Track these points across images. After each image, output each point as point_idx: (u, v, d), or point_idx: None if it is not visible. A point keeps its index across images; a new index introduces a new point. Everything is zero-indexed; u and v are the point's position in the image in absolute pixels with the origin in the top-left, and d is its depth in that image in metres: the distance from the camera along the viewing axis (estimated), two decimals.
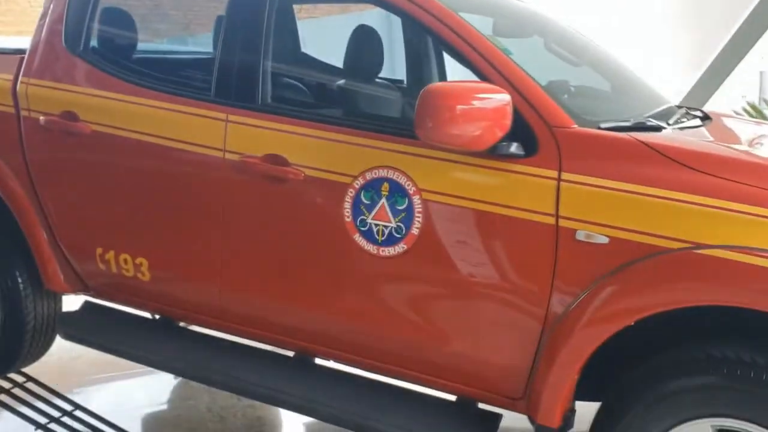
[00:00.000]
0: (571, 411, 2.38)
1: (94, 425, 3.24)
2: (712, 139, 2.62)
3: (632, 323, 2.16)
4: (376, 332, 2.59)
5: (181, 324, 3.23)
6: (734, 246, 2.02)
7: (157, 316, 3.24)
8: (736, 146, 2.51)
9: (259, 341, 2.93)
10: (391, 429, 2.48)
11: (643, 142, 2.23)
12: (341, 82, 3.15)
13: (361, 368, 2.73)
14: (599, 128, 2.32)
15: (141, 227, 2.99)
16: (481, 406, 2.60)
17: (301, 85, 3.01)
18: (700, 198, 2.09)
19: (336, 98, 2.97)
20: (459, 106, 2.17)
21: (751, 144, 2.66)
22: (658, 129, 2.50)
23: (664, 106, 2.97)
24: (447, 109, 2.16)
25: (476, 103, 2.19)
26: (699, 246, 2.06)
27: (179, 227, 2.91)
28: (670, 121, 2.68)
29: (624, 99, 3.19)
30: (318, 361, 2.87)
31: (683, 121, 2.78)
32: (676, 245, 2.09)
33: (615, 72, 3.32)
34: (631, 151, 2.22)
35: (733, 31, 6.28)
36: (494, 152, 2.28)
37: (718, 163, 2.18)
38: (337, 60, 3.17)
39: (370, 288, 2.55)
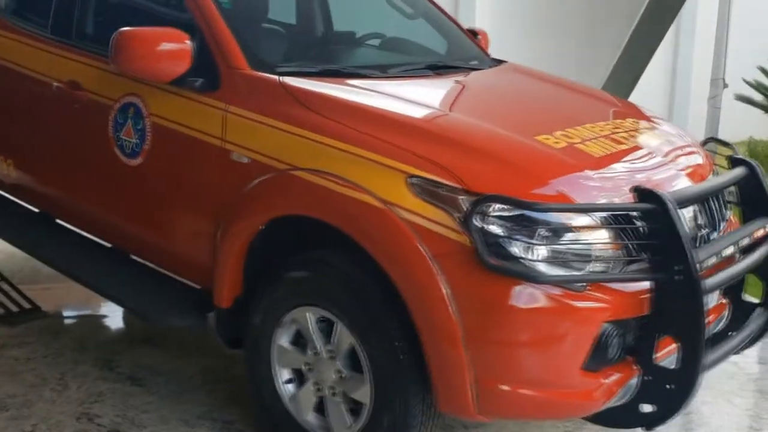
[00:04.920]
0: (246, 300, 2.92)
1: None
2: (400, 88, 2.98)
3: (262, 227, 2.72)
4: (134, 228, 3.27)
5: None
6: (311, 169, 2.54)
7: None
8: (391, 93, 2.85)
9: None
10: (120, 299, 3.18)
11: (282, 84, 2.75)
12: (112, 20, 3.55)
13: (138, 257, 3.43)
14: (274, 72, 2.85)
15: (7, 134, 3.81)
16: None
17: (95, 23, 3.60)
18: (298, 129, 2.62)
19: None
20: (141, 48, 2.78)
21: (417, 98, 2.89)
22: (359, 76, 2.99)
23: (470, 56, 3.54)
24: (132, 49, 2.78)
25: (156, 46, 2.79)
26: (295, 168, 2.59)
27: (31, 137, 3.69)
28: (393, 71, 3.15)
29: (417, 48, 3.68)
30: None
31: (418, 70, 3.22)
32: (282, 166, 2.63)
33: (441, 25, 3.82)
34: (273, 91, 2.76)
35: None
36: (185, 85, 2.88)
37: (323, 103, 2.68)
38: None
39: (125, 191, 3.23)
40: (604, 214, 2.33)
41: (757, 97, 8.28)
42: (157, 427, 3.13)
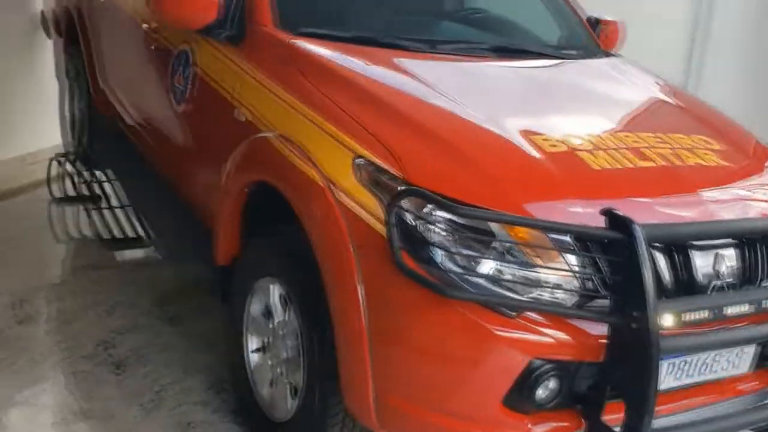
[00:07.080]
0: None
1: None
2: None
3: (248, 190, 2.63)
4: (184, 168, 3.34)
5: None
6: (281, 135, 2.41)
7: None
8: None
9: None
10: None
11: (289, 46, 2.62)
12: None
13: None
14: (296, 32, 2.72)
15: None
16: None
17: None
18: (284, 93, 2.49)
19: None
20: None
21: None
22: (395, 47, 2.78)
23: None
24: None
25: None
26: (271, 132, 2.47)
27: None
28: (443, 47, 2.89)
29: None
30: None
31: (476, 51, 2.94)
32: (264, 129, 2.52)
33: None
34: (280, 52, 2.64)
35: None
36: (211, 35, 2.85)
37: (316, 70, 2.52)
38: None
39: (177, 133, 3.30)
40: (557, 235, 1.96)
41: None
42: (159, 371, 3.16)
